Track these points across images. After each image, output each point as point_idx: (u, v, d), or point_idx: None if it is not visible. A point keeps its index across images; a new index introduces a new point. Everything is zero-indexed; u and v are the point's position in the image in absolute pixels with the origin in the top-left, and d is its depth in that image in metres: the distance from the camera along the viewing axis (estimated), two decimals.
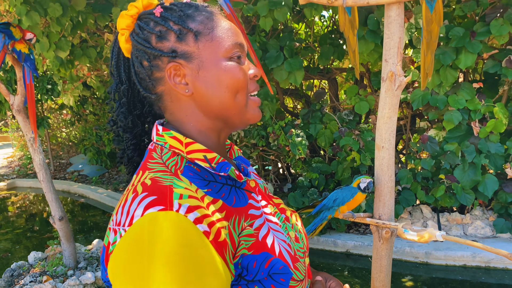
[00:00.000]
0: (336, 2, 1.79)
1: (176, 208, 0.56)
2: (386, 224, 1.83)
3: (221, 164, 0.68)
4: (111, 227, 0.61)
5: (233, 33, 0.70)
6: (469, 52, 3.35)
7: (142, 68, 0.70)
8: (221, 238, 0.59)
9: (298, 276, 0.66)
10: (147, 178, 0.62)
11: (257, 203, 0.71)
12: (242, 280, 0.62)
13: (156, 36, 0.68)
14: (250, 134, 4.54)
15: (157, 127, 0.71)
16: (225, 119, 0.71)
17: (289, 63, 3.91)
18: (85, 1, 4.07)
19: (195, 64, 0.67)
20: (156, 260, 0.53)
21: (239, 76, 0.68)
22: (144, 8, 0.72)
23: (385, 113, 1.79)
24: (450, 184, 3.63)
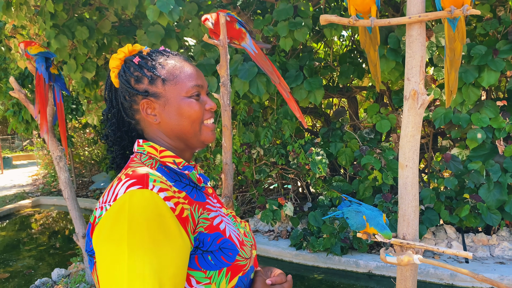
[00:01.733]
0: (357, 22, 1.81)
1: (150, 187, 0.76)
2: (411, 244, 1.80)
3: (186, 167, 0.91)
4: (97, 207, 0.79)
5: (193, 77, 0.93)
6: (492, 70, 3.32)
7: (125, 100, 0.93)
8: (184, 215, 0.78)
9: (243, 254, 0.86)
10: (129, 171, 0.82)
11: (213, 203, 0.92)
12: (198, 250, 0.80)
13: (134, 79, 0.91)
14: (270, 152, 4.55)
15: (138, 141, 0.93)
16: (184, 140, 0.93)
17: (309, 82, 3.93)
18: (110, 24, 4.21)
19: (162, 101, 0.90)
20: (133, 224, 0.70)
21: (195, 109, 0.91)
22: (129, 53, 0.95)
23: (408, 132, 1.79)
24: (475, 204, 3.55)
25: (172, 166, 0.89)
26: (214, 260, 0.81)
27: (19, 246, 5.56)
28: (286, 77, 4.02)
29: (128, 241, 0.69)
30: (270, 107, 4.95)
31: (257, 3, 4.42)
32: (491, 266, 3.52)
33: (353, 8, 1.85)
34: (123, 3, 3.65)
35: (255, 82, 3.68)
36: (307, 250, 4.11)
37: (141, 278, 0.68)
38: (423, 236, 3.87)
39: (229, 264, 0.83)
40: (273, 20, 3.78)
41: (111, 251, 0.71)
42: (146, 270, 0.69)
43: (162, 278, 0.70)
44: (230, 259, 0.83)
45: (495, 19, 3.47)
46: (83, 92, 5.11)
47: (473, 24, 3.96)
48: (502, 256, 3.68)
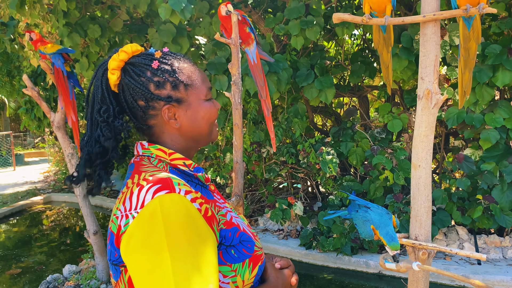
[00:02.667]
0: (371, 21, 1.79)
1: (178, 191, 0.77)
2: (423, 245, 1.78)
3: (197, 168, 0.93)
4: (118, 215, 0.78)
5: (205, 80, 0.95)
6: (506, 70, 3.27)
7: (137, 105, 0.90)
8: (209, 214, 0.81)
9: (258, 244, 0.91)
10: (147, 176, 0.81)
11: (219, 200, 0.94)
12: (222, 246, 0.84)
13: (154, 84, 0.88)
14: (280, 151, 4.54)
15: (142, 143, 0.92)
16: (198, 141, 0.96)
17: (320, 81, 3.91)
18: (122, 23, 4.23)
19: (184, 106, 0.91)
20: (170, 229, 0.72)
21: (212, 112, 0.95)
22: (132, 53, 0.92)
23: (421, 132, 1.77)
24: (488, 205, 3.50)
25: (183, 168, 0.90)
26: (237, 253, 0.84)
27: (31, 242, 5.63)
28: (297, 75, 4.01)
29: (168, 246, 0.71)
30: (281, 106, 4.93)
31: (268, 2, 4.41)
32: (504, 268, 3.47)
33: (368, 6, 1.83)
34: (135, 1, 3.67)
35: (266, 81, 3.67)
36: (317, 249, 4.09)
37: (187, 280, 0.70)
38: (434, 237, 3.83)
39: (250, 255, 0.86)
40: (285, 18, 3.77)
41: (151, 258, 0.71)
42: (190, 271, 0.71)
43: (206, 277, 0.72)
44: (250, 250, 0.86)
45: (511, 18, 3.42)
46: None
47: (487, 23, 3.90)
48: None
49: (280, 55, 3.85)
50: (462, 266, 3.59)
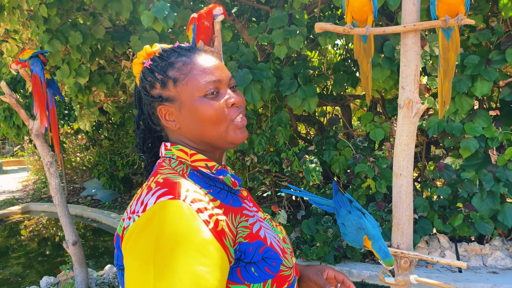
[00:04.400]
0: (352, 31, 1.81)
1: (183, 198, 0.69)
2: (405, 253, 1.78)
3: (220, 171, 0.84)
4: (125, 217, 0.74)
5: (207, 72, 0.82)
6: (485, 80, 3.34)
7: (147, 107, 0.87)
8: (219, 227, 0.70)
9: (287, 264, 0.79)
10: (159, 178, 0.76)
11: (250, 207, 0.84)
12: (241, 263, 0.74)
13: (148, 85, 0.85)
14: (264, 160, 4.53)
15: (165, 144, 0.86)
16: (210, 144, 0.84)
17: (303, 90, 3.93)
18: (104, 30, 4.19)
19: (177, 105, 0.82)
20: (162, 240, 0.64)
21: (212, 111, 0.80)
22: (148, 56, 0.87)
23: (402, 140, 1.78)
24: (468, 213, 3.55)
25: (205, 171, 0.82)
26: (258, 272, 0.74)
27: (8, 253, 5.47)
28: (281, 84, 4.02)
29: (154, 260, 0.63)
30: (265, 114, 4.94)
31: (252, 11, 4.43)
32: (484, 275, 3.52)
33: (350, 16, 1.85)
34: (118, 8, 3.64)
35: (250, 89, 3.67)
36: (300, 258, 4.08)
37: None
38: (416, 245, 3.86)
39: (274, 276, 0.76)
40: (268, 27, 3.79)
41: (136, 268, 0.65)
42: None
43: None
44: (275, 270, 0.76)
45: (488, 29, 3.51)
46: (76, 97, 5.07)
47: (466, 34, 3.99)
48: (495, 266, 3.68)
49: (264, 64, 3.86)
50: (443, 274, 3.62)
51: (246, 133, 0.85)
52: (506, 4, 3.28)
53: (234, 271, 0.73)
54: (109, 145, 8.37)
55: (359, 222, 1.33)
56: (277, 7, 3.76)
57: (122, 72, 4.93)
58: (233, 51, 3.83)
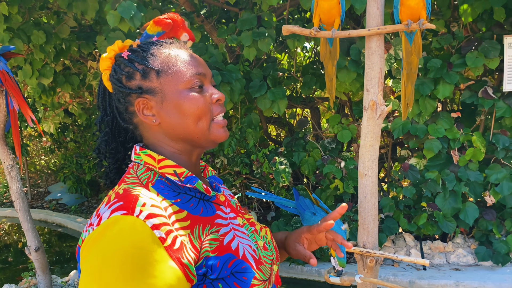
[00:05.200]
0: (318, 33, 1.84)
1: (136, 214, 0.65)
2: (371, 252, 1.82)
3: (189, 178, 0.77)
4: (84, 229, 0.70)
5: (192, 64, 0.79)
6: (446, 83, 3.46)
7: (119, 103, 0.81)
8: (177, 245, 0.66)
9: (261, 276, 0.74)
10: (121, 189, 0.72)
11: (225, 214, 0.79)
12: (207, 279, 0.69)
13: (125, 76, 0.79)
14: (234, 161, 4.53)
15: (136, 147, 0.81)
16: (191, 142, 0.80)
17: (273, 92, 3.95)
18: (69, 29, 4.09)
19: (159, 97, 0.77)
20: (107, 259, 0.61)
21: (198, 105, 0.77)
22: (120, 50, 0.83)
23: (367, 142, 1.82)
24: (432, 212, 3.66)
25: (173, 178, 0.76)
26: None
27: None
28: (250, 86, 4.03)
29: (98, 280, 0.60)
30: (235, 116, 4.93)
31: (221, 12, 4.42)
32: (447, 272, 3.63)
33: (318, 18, 1.87)
34: (83, 7, 3.55)
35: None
36: None
37: None
38: (383, 244, 3.94)
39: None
40: (237, 29, 3.79)
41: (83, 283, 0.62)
42: None
43: None
44: (245, 285, 0.71)
45: (449, 34, 3.63)
46: (40, 98, 4.91)
47: (429, 39, 4.12)
48: (457, 263, 3.81)
49: (233, 66, 3.86)
50: (409, 271, 3.72)
51: (228, 132, 0.83)
52: (466, 10, 3.41)
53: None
54: (75, 147, 8.15)
55: None
56: (246, 9, 3.77)
57: (88, 72, 4.82)
58: (202, 52, 3.81)
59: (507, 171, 3.51)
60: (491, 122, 3.65)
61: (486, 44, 3.42)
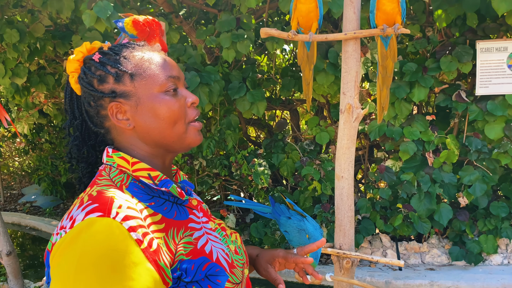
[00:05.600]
0: (296, 37, 1.85)
1: (113, 216, 0.64)
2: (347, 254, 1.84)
3: (164, 181, 0.77)
4: (54, 232, 0.68)
5: (166, 67, 0.78)
6: (421, 86, 3.53)
7: (90, 107, 0.79)
8: (153, 247, 0.66)
9: (234, 279, 0.75)
10: (94, 191, 0.70)
11: (198, 218, 0.79)
12: (181, 282, 0.69)
13: (97, 80, 0.77)
14: (213, 163, 4.51)
15: (108, 150, 0.79)
16: (165, 146, 0.79)
17: (252, 94, 3.96)
18: (44, 28, 4.00)
19: (133, 101, 0.76)
20: (83, 262, 0.59)
21: (173, 108, 0.77)
22: (88, 52, 0.81)
23: (343, 144, 1.84)
24: (407, 213, 3.72)
25: (147, 181, 0.75)
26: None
27: None
28: (229, 88, 4.02)
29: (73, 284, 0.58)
30: (214, 117, 4.91)
31: (200, 13, 4.40)
32: (422, 272, 3.70)
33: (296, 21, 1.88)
34: (58, 6, 3.48)
35: (198, 92, 3.64)
36: None
37: None
38: (360, 245, 3.99)
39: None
40: (216, 31, 3.78)
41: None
42: None
43: None
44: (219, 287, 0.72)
45: (425, 38, 3.71)
46: (13, 99, 4.79)
47: (405, 43, 4.20)
48: (432, 263, 3.89)
49: (212, 67, 3.85)
50: (385, 272, 3.77)
51: (202, 136, 0.83)
52: (440, 15, 3.49)
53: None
54: (50, 149, 7.97)
55: (300, 224, 1.34)
56: (225, 11, 3.77)
57: (64, 72, 4.72)
58: (181, 53, 3.79)
59: (480, 173, 3.61)
60: (465, 125, 3.75)
61: (460, 49, 3.51)
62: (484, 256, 3.78)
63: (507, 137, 3.56)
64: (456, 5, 3.31)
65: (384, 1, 1.71)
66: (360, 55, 2.00)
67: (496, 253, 3.73)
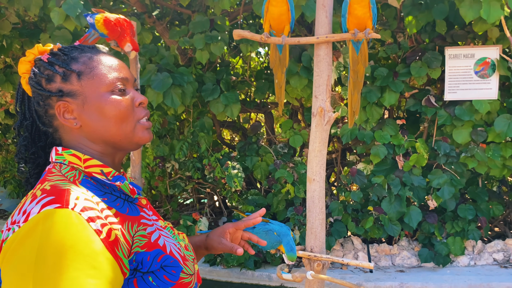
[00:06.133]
0: (269, 39, 1.85)
1: (72, 206, 0.65)
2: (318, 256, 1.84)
3: (117, 177, 0.80)
4: (4, 229, 0.67)
5: (114, 68, 0.81)
6: (392, 91, 3.60)
7: (39, 107, 0.81)
8: (112, 237, 0.68)
9: (187, 271, 0.79)
10: (46, 186, 0.70)
11: (149, 216, 0.82)
12: (138, 273, 0.72)
13: (45, 79, 0.79)
14: (185, 166, 4.46)
15: (56, 148, 0.80)
16: (113, 144, 0.81)
17: (226, 96, 3.94)
18: (10, 25, 3.87)
19: (80, 100, 0.78)
20: (44, 252, 0.60)
21: (120, 108, 0.79)
22: (40, 54, 0.82)
23: (315, 147, 1.85)
24: (378, 216, 3.78)
25: (100, 177, 0.77)
26: (156, 281, 0.73)
27: None
28: (203, 90, 3.99)
29: (34, 273, 0.58)
30: (187, 119, 4.86)
31: (174, 14, 4.36)
32: (393, 274, 3.76)
33: (268, 24, 1.88)
34: (25, 3, 3.37)
35: (170, 93, 3.60)
36: (221, 265, 4.06)
37: None
38: (332, 248, 4.02)
39: (173, 284, 0.75)
40: (190, 32, 3.74)
41: (13, 283, 0.59)
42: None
43: None
44: (174, 278, 0.76)
45: (395, 44, 3.79)
46: None
47: (377, 48, 4.28)
48: (402, 265, 3.96)
49: (185, 68, 3.81)
50: (356, 274, 3.81)
51: (152, 134, 0.85)
52: (410, 21, 3.57)
53: (130, 282, 0.72)
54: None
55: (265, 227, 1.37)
56: (199, 12, 3.74)
57: None
58: (153, 54, 3.73)
59: (448, 176, 3.70)
60: (434, 129, 3.84)
61: (429, 55, 3.60)
62: (452, 258, 3.88)
63: (474, 141, 3.66)
64: (426, 12, 3.39)
65: (356, 6, 1.73)
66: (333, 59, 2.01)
67: (463, 254, 3.83)
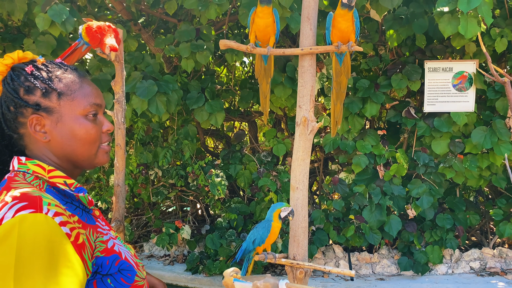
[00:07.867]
0: (254, 50, 1.89)
1: (45, 212, 0.70)
2: (300, 264, 1.87)
3: (79, 189, 0.86)
4: None
5: (92, 95, 0.88)
6: (374, 102, 3.68)
7: (8, 111, 0.84)
8: (80, 241, 0.75)
9: (140, 275, 0.88)
10: (15, 192, 0.73)
11: (103, 226, 0.90)
12: (98, 275, 0.79)
13: (24, 89, 0.82)
14: (169, 173, 4.45)
15: (19, 158, 0.84)
16: (74, 162, 0.88)
17: (210, 104, 3.96)
18: None
19: (54, 117, 0.83)
20: (23, 254, 0.64)
21: (91, 133, 0.86)
22: (19, 60, 0.86)
23: (299, 156, 1.89)
24: (359, 224, 3.84)
25: (63, 188, 0.83)
26: (114, 283, 0.81)
27: None
28: (188, 98, 4.00)
29: (15, 273, 0.62)
30: (171, 127, 4.86)
31: (160, 22, 4.38)
32: (373, 282, 3.82)
33: (254, 35, 1.92)
34: (9, 8, 3.34)
35: (155, 100, 3.60)
36: (203, 273, 4.05)
37: None
38: (314, 256, 4.06)
39: (129, 286, 0.83)
40: (175, 40, 3.77)
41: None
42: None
43: None
44: (130, 280, 0.83)
45: (377, 57, 3.89)
46: None
47: (359, 60, 4.38)
48: (382, 273, 4.02)
49: (170, 76, 3.82)
50: (338, 282, 3.85)
51: (109, 157, 0.95)
52: (392, 35, 3.67)
53: (90, 283, 0.78)
54: None
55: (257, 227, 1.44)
56: (185, 21, 3.77)
57: None
58: (138, 61, 3.74)
59: (427, 186, 3.79)
60: (413, 140, 3.94)
61: (409, 67, 3.71)
62: (431, 266, 3.96)
63: (451, 152, 3.77)
64: (406, 26, 3.50)
65: (339, 19, 1.79)
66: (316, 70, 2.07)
67: (441, 263, 3.92)
